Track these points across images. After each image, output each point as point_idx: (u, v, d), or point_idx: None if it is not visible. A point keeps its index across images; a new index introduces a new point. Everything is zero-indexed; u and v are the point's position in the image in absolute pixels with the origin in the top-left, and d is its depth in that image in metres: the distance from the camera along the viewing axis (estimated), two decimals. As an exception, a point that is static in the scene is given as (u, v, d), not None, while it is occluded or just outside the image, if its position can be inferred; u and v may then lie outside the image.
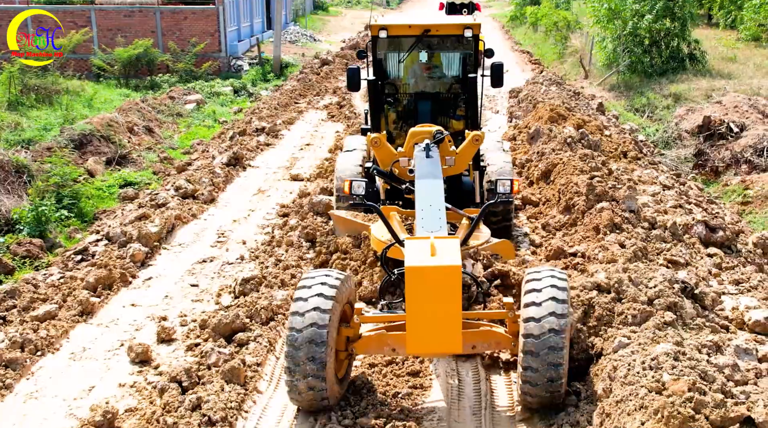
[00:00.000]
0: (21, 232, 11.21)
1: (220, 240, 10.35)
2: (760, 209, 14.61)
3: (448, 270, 5.64)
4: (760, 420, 4.91)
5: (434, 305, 5.62)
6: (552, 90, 17.78)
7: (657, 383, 5.55)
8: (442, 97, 9.76)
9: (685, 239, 9.93)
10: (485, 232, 8.27)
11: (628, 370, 5.91)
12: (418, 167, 7.45)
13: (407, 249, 5.90)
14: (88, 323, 7.97)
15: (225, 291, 8.58)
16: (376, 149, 8.28)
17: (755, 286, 8.88)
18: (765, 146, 17.19)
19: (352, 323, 6.22)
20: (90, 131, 16.24)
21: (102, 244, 9.97)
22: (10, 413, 6.41)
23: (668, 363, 5.80)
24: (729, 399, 5.10)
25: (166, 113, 20.12)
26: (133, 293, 8.71)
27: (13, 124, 16.71)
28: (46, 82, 19.81)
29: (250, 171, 13.85)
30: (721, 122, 18.90)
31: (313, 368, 5.64)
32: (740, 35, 28.46)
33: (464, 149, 8.37)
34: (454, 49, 9.69)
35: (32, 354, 7.18)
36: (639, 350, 6.13)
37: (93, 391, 6.70)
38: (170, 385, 6.47)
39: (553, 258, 8.98)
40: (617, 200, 9.65)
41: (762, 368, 6.87)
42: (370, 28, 9.11)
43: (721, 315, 8.04)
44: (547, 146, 12.22)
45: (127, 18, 26.06)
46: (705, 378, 5.62)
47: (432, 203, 6.67)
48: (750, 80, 22.13)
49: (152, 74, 24.26)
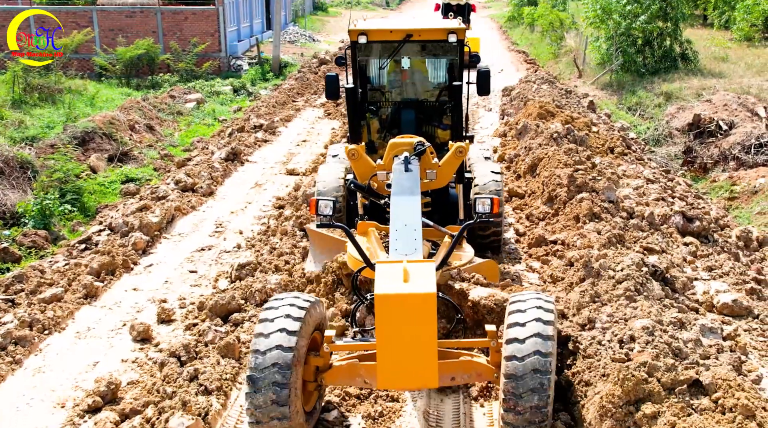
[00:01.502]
0: (26, 225, 11.65)
1: (217, 230, 10.85)
2: (746, 205, 15.06)
3: (421, 298, 5.11)
4: (706, 383, 5.37)
5: (407, 337, 5.13)
6: (543, 88, 18.26)
7: (620, 354, 6.04)
8: (427, 105, 9.35)
9: (662, 229, 10.41)
10: (468, 251, 7.81)
11: (595, 345, 6.39)
12: (395, 182, 7.00)
13: (377, 274, 5.40)
14: (92, 305, 8.46)
15: (222, 276, 9.07)
16: (354, 162, 7.92)
17: (727, 272, 9.37)
18: (753, 143, 17.64)
19: (321, 351, 5.71)
20: (92, 128, 16.68)
21: (105, 234, 10.45)
22: (20, 386, 6.89)
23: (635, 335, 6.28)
24: (680, 364, 5.57)
25: (167, 111, 20.59)
26: (134, 279, 9.21)
27: (17, 122, 17.20)
28: (49, 82, 20.28)
29: (248, 166, 14.35)
30: (710, 120, 19.33)
31: (277, 395, 5.17)
32: (733, 35, 28.90)
33: (447, 161, 7.91)
34: (438, 55, 9.25)
35: (40, 333, 7.67)
36: (607, 326, 6.60)
37: (97, 366, 7.19)
38: (169, 359, 6.95)
39: (534, 246, 9.47)
40: (597, 191, 10.13)
41: (725, 345, 7.35)
42: (349, 33, 8.61)
43: (692, 298, 8.52)
44: (534, 141, 12.70)
45: (129, 18, 26.53)
46: (667, 351, 6.09)
47: (407, 222, 6.19)
48: (740, 79, 22.56)
49: (153, 74, 24.74)
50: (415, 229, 6.12)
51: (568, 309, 7.28)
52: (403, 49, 8.74)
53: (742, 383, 5.43)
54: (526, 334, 5.21)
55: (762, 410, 5.21)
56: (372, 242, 7.21)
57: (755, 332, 8.00)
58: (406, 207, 6.43)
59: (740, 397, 5.20)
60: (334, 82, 8.89)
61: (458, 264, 7.42)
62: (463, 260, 7.55)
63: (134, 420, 6.06)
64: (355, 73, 8.90)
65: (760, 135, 17.83)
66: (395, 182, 6.99)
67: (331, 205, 6.25)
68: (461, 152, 7.87)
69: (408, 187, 6.83)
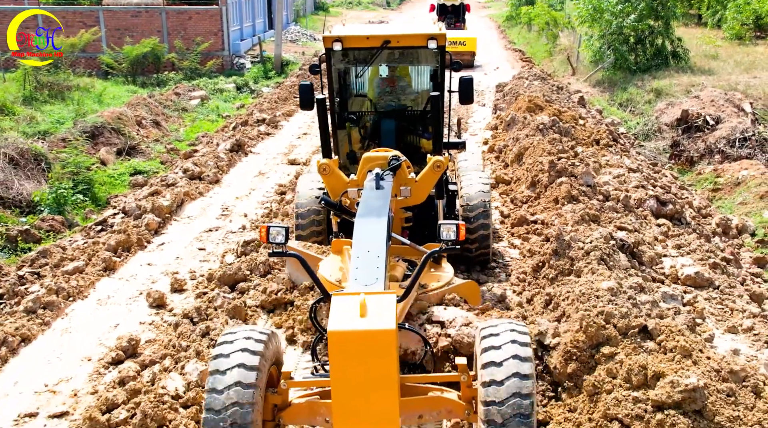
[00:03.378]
0: (41, 213, 12.51)
1: (224, 214, 11.74)
2: (729, 195, 15.94)
3: (379, 335, 4.67)
4: (650, 327, 6.24)
5: (363, 377, 4.72)
6: (535, 84, 19.13)
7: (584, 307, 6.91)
8: (409, 114, 8.92)
9: (637, 212, 11.27)
10: (447, 271, 7.48)
11: (566, 300, 7.28)
12: (362, 201, 6.55)
13: (332, 308, 4.93)
14: (111, 277, 9.36)
15: (229, 253, 9.95)
16: (326, 177, 7.63)
17: (694, 250, 10.23)
18: (737, 137, 18.49)
19: (279, 388, 5.27)
20: (101, 123, 17.57)
21: (119, 217, 11.35)
22: (50, 343, 7.78)
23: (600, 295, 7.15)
24: (631, 313, 6.44)
25: (172, 108, 21.47)
26: (148, 255, 10.11)
27: (29, 117, 18.08)
28: (58, 79, 21.15)
29: (252, 157, 15.26)
30: (698, 115, 20.16)
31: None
32: (724, 34, 29.75)
33: (424, 177, 7.54)
34: (418, 62, 8.88)
35: (65, 300, 8.56)
36: (573, 288, 7.48)
37: (118, 327, 8.07)
38: (183, 320, 7.84)
39: (517, 225, 10.34)
40: (576, 175, 10.99)
41: (683, 309, 8.21)
42: (323, 39, 8.14)
43: (659, 272, 9.38)
44: (522, 132, 13.58)
45: (134, 18, 27.43)
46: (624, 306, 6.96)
47: (370, 248, 5.65)
48: (729, 76, 23.37)
49: (158, 72, 25.62)
50: (378, 256, 5.57)
51: (540, 271, 8.16)
52: (382, 56, 8.37)
53: (682, 329, 6.30)
54: (502, 357, 4.86)
55: (698, 352, 6.08)
56: (345, 261, 6.83)
57: (714, 300, 8.86)
58: (370, 231, 5.89)
59: (679, 340, 6.06)
60: (308, 91, 8.25)
61: (436, 286, 7.08)
62: (441, 281, 7.18)
63: (153, 367, 6.94)
64: (330, 83, 8.47)
65: (744, 129, 18.68)
66: (363, 201, 6.55)
67: (284, 232, 5.59)
68: (439, 167, 7.52)
69: (376, 207, 6.33)
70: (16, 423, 6.40)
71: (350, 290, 5.20)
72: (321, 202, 7.76)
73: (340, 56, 8.36)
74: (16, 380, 7.07)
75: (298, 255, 5.83)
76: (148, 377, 6.76)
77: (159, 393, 6.33)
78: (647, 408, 5.52)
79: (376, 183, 6.84)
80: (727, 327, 8.15)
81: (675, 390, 5.48)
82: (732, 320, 8.35)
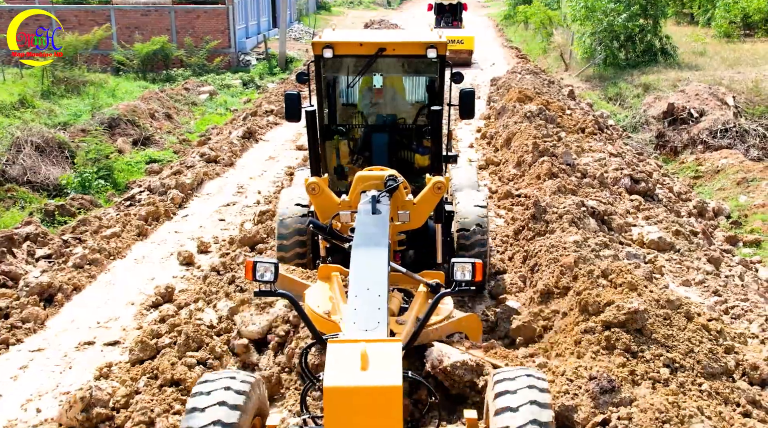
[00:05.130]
0: (67, 195, 13.86)
1: (240, 191, 13.16)
2: (709, 182, 17.37)
3: (383, 392, 4.22)
4: (603, 268, 7.61)
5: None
6: (527, 78, 20.55)
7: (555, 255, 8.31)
8: (403, 127, 8.38)
9: (613, 189, 12.66)
10: (447, 303, 6.81)
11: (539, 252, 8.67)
12: (359, 228, 6.05)
13: (328, 358, 4.44)
14: (144, 241, 10.78)
15: (247, 222, 11.34)
16: (314, 198, 7.05)
17: (661, 220, 11.61)
18: (719, 128, 19.89)
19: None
20: (118, 115, 18.95)
21: (144, 194, 12.73)
22: (96, 292, 9.18)
23: (567, 246, 8.54)
24: (590, 259, 7.82)
25: (183, 102, 22.86)
26: (175, 224, 11.53)
27: (48, 110, 19.48)
28: (74, 75, 22.55)
29: (262, 143, 16.69)
30: (683, 108, 21.55)
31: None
32: (713, 32, 31.17)
33: (423, 199, 7.05)
34: (416, 71, 8.26)
35: (107, 258, 9.96)
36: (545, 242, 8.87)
37: (154, 280, 9.47)
38: (210, 273, 9.24)
39: (503, 199, 11.73)
40: (557, 155, 12.38)
41: (643, 265, 9.58)
42: (312, 45, 7.53)
43: (627, 237, 10.75)
44: (511, 120, 14.99)
45: (144, 16, 28.83)
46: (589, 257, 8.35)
47: (370, 285, 5.15)
48: (714, 72, 24.76)
49: (167, 68, 27.01)
50: (379, 295, 5.05)
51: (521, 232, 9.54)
52: (376, 64, 7.73)
53: (630, 269, 7.67)
54: (519, 403, 4.55)
55: (643, 287, 7.45)
56: (335, 290, 6.40)
57: (674, 261, 10.25)
58: (369, 264, 5.41)
59: (627, 277, 7.43)
60: (295, 102, 7.74)
61: (435, 321, 6.44)
62: (440, 315, 6.56)
63: (189, 307, 8.32)
64: (319, 93, 7.81)
65: (726, 121, 20.08)
66: (359, 228, 6.05)
67: (273, 269, 5.07)
68: (440, 189, 7.02)
69: (374, 235, 5.85)
70: (77, 349, 7.78)
71: (349, 337, 4.71)
72: (309, 225, 7.12)
73: (330, 64, 7.76)
74: (72, 319, 8.46)
75: (290, 296, 5.28)
76: (185, 314, 8.14)
77: (196, 323, 7.70)
78: (597, 327, 6.89)
79: (372, 207, 6.35)
80: (681, 281, 9.53)
81: (620, 312, 6.85)
82: (687, 276, 9.72)
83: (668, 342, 6.85)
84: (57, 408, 6.59)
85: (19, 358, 7.60)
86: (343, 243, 6.65)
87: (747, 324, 8.43)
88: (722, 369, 6.77)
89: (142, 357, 7.27)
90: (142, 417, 6.17)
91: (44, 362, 7.54)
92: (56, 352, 7.72)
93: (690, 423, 5.57)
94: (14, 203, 13.44)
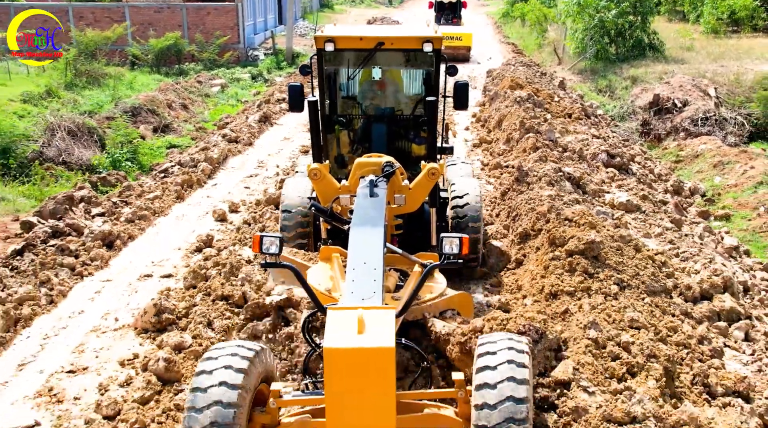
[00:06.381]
0: (100, 174, 15.68)
1: (260, 165, 15.07)
2: (688, 166, 19.22)
3: (378, 353, 4.75)
4: (569, 213, 9.47)
5: (360, 395, 4.80)
6: (520, 70, 22.46)
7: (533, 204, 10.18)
8: (401, 118, 8.94)
9: (591, 163, 14.51)
10: (440, 282, 7.33)
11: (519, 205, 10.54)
12: (357, 209, 6.62)
13: (328, 323, 5.01)
14: (182, 204, 12.70)
15: (270, 187, 13.22)
16: (316, 183, 7.63)
17: (632, 188, 13.46)
18: (700, 117, 21.76)
19: (268, 407, 5.27)
20: (139, 104, 20.80)
21: (176, 168, 14.61)
22: (147, 241, 11.07)
23: (542, 200, 10.40)
24: (560, 207, 9.69)
25: (196, 93, 24.70)
26: (206, 191, 13.46)
27: (72, 100, 21.33)
28: (94, 68, 24.41)
29: (276, 127, 18.65)
30: (668, 98, 23.42)
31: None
32: (702, 28, 33.07)
33: (418, 184, 7.59)
34: (413, 65, 8.71)
35: (152, 215, 11.84)
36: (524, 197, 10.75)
37: (194, 232, 11.33)
38: (242, 225, 11.12)
39: (493, 169, 13.60)
40: (541, 132, 14.24)
41: (610, 220, 11.43)
42: (315, 40, 8.14)
43: (600, 201, 12.59)
44: (502, 104, 16.88)
45: (157, 14, 30.71)
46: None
47: (367, 259, 5.72)
48: (699, 65, 26.61)
49: (180, 63, 28.88)
50: (375, 268, 5.65)
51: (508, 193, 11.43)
52: (375, 58, 8.27)
53: (591, 212, 9.54)
54: (497, 378, 4.90)
55: (601, 226, 9.31)
56: (335, 269, 6.94)
57: (639, 220, 12.08)
58: (366, 241, 5.98)
59: (588, 219, 9.30)
60: (299, 93, 8.26)
61: (429, 298, 6.98)
62: (434, 293, 7.07)
63: (227, 249, 10.17)
64: (321, 85, 8.48)
65: (707, 110, 21.97)
66: (357, 209, 6.63)
67: (278, 243, 5.63)
68: (434, 174, 7.56)
69: (371, 216, 6.42)
70: (139, 280, 9.66)
71: (346, 304, 5.25)
72: (311, 208, 7.70)
73: (331, 57, 8.31)
74: (130, 260, 10.35)
75: (293, 267, 5.77)
76: (225, 255, 10.00)
77: (236, 258, 9.56)
78: (562, 255, 8.74)
79: (369, 191, 6.89)
80: (643, 234, 11.37)
81: (580, 242, 8.70)
82: (649, 231, 11.57)
83: (619, 267, 8.71)
84: (130, 319, 8.46)
85: (92, 286, 9.48)
86: (343, 225, 7.22)
87: (692, 265, 10.27)
88: (662, 288, 8.65)
89: (194, 283, 9.14)
90: (202, 319, 8.04)
91: (113, 289, 9.41)
92: (122, 282, 9.60)
93: (625, 312, 7.42)
94: (54, 180, 15.31)
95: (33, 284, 9.08)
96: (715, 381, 6.89)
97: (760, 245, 12.95)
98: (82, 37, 25.47)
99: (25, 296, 8.72)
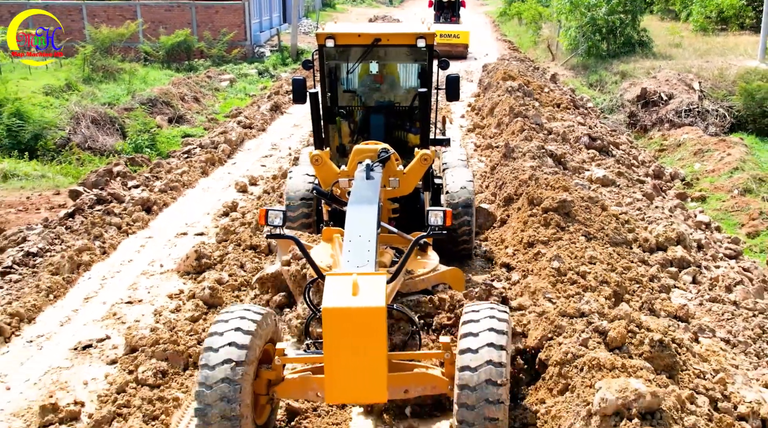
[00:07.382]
0: (129, 155, 17.37)
1: (273, 148, 16.85)
2: (671, 154, 20.91)
3: (370, 312, 5.31)
4: (547, 180, 11.18)
5: (355, 351, 5.34)
6: (513, 64, 24.20)
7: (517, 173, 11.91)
8: (398, 109, 9.59)
9: (574, 145, 16.23)
10: (433, 258, 8.09)
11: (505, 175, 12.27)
12: (354, 190, 7.19)
13: (326, 287, 5.58)
14: (206, 178, 14.46)
15: (284, 164, 14.94)
16: (317, 168, 8.25)
17: (609, 166, 15.18)
18: (684, 109, 23.45)
19: (273, 364, 5.88)
20: (155, 97, 22.51)
21: (198, 149, 16.34)
22: (178, 208, 12.81)
23: (525, 169, 12.13)
24: (540, 176, 11.42)
25: (207, 88, 26.42)
26: (227, 168, 15.20)
27: (90, 93, 23.04)
28: (110, 64, 26.14)
29: (287, 115, 20.44)
30: (654, 92, 25.09)
31: (227, 410, 5.33)
32: (691, 26, 34.82)
33: (412, 169, 8.24)
34: (407, 59, 9.54)
35: (182, 186, 13.57)
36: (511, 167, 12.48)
37: (220, 201, 13.05)
38: (263, 194, 12.84)
39: (485, 149, 15.33)
40: (528, 117, 15.98)
41: (586, 190, 13.13)
42: (316, 36, 8.82)
43: (579, 177, 14.29)
44: (495, 94, 18.62)
45: (168, 12, 32.43)
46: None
47: (362, 233, 6.29)
48: (686, 61, 28.29)
49: (190, 59, 30.58)
50: (369, 240, 6.20)
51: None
52: (372, 53, 8.94)
53: (569, 180, 11.25)
54: (479, 344, 5.39)
55: (574, 190, 11.02)
56: (336, 249, 7.46)
57: (613, 192, 13.79)
58: (361, 217, 6.52)
59: (562, 183, 11.01)
60: (302, 86, 8.87)
61: (422, 272, 7.68)
62: (426, 268, 7.82)
63: (251, 212, 11.88)
64: (322, 78, 9.11)
65: (690, 103, 23.65)
66: (354, 190, 7.17)
67: (281, 215, 6.18)
68: (426, 160, 8.21)
69: (367, 196, 6.96)
70: (176, 237, 11.38)
71: (343, 271, 5.84)
72: (313, 191, 8.41)
73: (332, 53, 8.98)
74: (167, 222, 12.08)
75: (295, 238, 6.39)
76: (250, 217, 11.71)
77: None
78: (538, 212, 10.45)
79: (366, 174, 7.46)
80: (615, 203, 13.08)
81: (554, 201, 10.41)
82: (621, 201, 13.27)
83: (587, 222, 10.42)
84: (173, 265, 10.18)
85: (137, 242, 11.21)
86: (342, 207, 7.81)
87: (654, 227, 11.96)
88: (623, 240, 10.38)
89: (225, 237, 10.86)
90: (236, 263, 9.77)
91: (155, 244, 11.14)
92: (162, 239, 11.33)
93: (586, 251, 9.13)
94: (82, 164, 17.04)
95: (87, 239, 10.80)
96: (659, 307, 8.59)
97: (731, 223, 14.61)
98: (98, 34, 27.19)
99: (83, 247, 10.43)
